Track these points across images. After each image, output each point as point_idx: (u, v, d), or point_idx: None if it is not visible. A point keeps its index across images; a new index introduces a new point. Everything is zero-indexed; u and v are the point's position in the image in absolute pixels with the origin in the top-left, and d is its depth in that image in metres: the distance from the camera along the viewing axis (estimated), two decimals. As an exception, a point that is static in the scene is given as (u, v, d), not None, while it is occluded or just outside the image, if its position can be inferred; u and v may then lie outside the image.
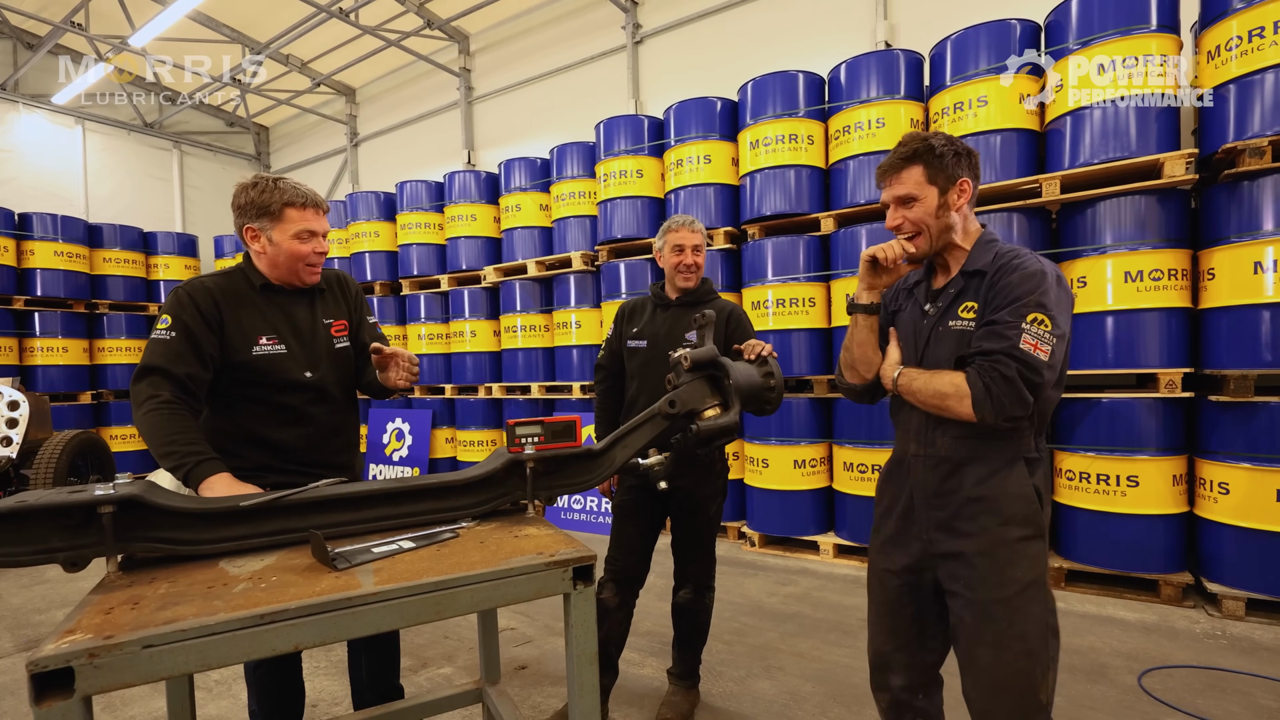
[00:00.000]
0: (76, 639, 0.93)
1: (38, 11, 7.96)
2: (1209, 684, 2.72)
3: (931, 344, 1.61)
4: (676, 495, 2.41)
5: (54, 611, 3.87)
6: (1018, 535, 1.48)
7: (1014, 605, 1.45)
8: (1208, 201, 3.63)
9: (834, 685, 2.79)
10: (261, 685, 1.97)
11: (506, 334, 6.42)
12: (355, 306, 2.08)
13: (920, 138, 1.60)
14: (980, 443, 1.52)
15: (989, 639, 1.47)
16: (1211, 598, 3.47)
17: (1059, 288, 1.46)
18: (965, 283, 1.58)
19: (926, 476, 1.60)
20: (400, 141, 9.58)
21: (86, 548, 1.18)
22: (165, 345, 1.67)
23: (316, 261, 1.88)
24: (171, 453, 1.56)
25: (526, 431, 1.55)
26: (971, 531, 1.51)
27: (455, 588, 1.16)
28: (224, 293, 1.80)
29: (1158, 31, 3.61)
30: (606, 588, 2.45)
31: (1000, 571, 1.47)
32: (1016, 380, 1.38)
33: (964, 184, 1.57)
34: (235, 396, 1.80)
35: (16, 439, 5.26)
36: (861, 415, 4.39)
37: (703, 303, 2.48)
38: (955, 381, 1.46)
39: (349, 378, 2.03)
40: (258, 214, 1.79)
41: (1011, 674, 1.45)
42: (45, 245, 7.77)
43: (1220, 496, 3.43)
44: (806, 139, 4.73)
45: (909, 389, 1.58)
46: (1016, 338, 1.39)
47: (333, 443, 1.93)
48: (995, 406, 1.40)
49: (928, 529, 1.61)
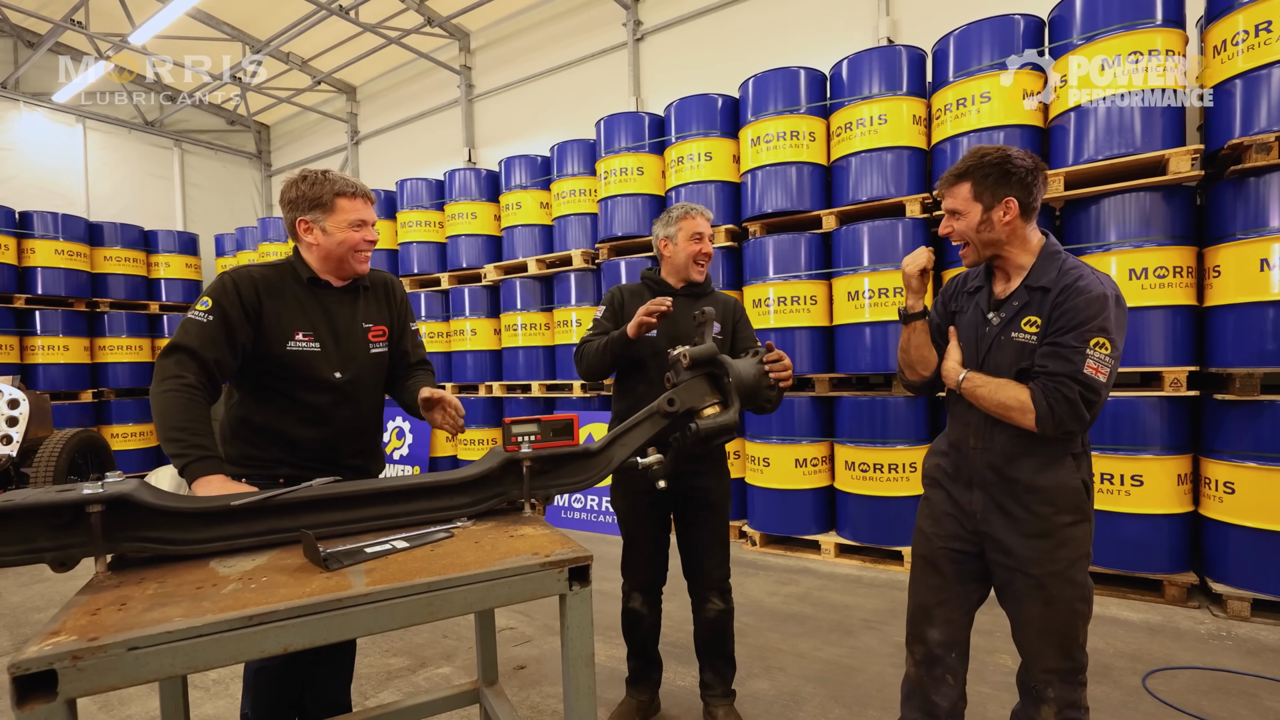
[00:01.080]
0: (60, 641, 0.91)
1: (38, 9, 7.95)
2: (1214, 685, 2.69)
3: (993, 351, 1.73)
4: (695, 495, 2.35)
5: (52, 610, 3.86)
6: (1068, 521, 1.66)
7: (1064, 577, 1.66)
8: (1213, 198, 3.59)
9: (835, 686, 2.76)
10: (260, 689, 1.93)
11: (507, 332, 6.40)
12: (399, 313, 2.07)
13: (978, 154, 1.70)
14: (1034, 443, 1.67)
15: (1040, 602, 1.68)
16: (1216, 598, 3.45)
17: (1118, 308, 1.59)
18: (1029, 296, 1.68)
19: (984, 467, 1.75)
20: (401, 139, 9.56)
21: (75, 547, 1.16)
22: (200, 327, 1.67)
23: (367, 249, 1.89)
24: (177, 439, 1.55)
25: (523, 430, 1.53)
26: (1028, 518, 1.68)
27: (448, 588, 1.14)
28: (269, 284, 1.80)
29: (1163, 26, 3.58)
30: (634, 598, 2.42)
31: (1053, 551, 1.66)
32: (1078, 402, 1.54)
33: (1009, 202, 1.65)
34: (262, 388, 1.81)
35: (17, 437, 5.26)
36: (863, 415, 4.36)
37: (706, 295, 2.43)
38: (1020, 397, 1.61)
39: (380, 383, 2.02)
40: (310, 206, 1.82)
41: (1060, 626, 1.67)
42: (46, 244, 7.77)
43: (1226, 496, 3.40)
44: (808, 136, 4.70)
45: (973, 393, 1.72)
46: (1081, 363, 1.54)
47: (352, 445, 1.93)
48: (1056, 423, 1.57)
49: (981, 509, 1.76)
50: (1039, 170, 1.67)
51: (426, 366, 2.15)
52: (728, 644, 2.45)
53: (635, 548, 2.42)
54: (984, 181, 1.66)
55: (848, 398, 4.45)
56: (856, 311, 4.40)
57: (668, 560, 2.46)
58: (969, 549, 1.80)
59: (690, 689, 2.72)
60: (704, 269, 2.40)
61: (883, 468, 4.26)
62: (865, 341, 4.38)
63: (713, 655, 2.45)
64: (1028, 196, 1.66)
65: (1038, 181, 1.67)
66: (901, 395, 4.26)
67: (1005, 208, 1.65)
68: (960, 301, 1.87)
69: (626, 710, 2.47)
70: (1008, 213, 1.66)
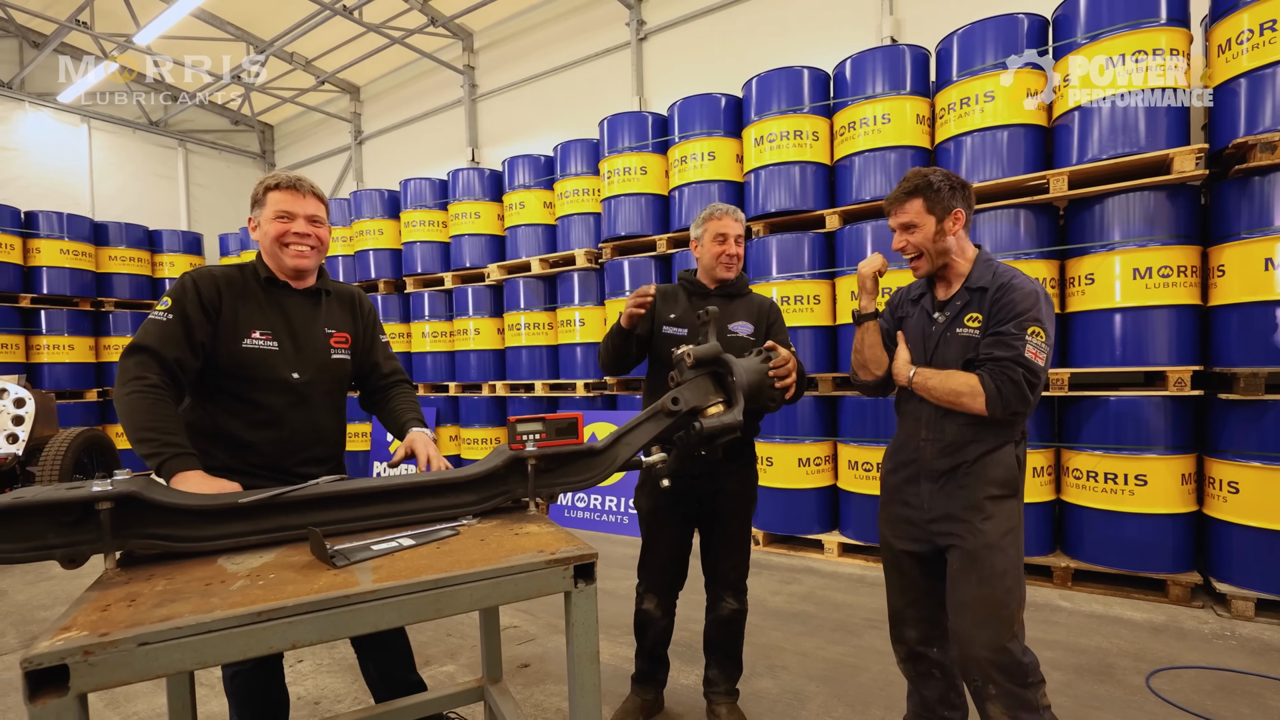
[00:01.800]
0: (71, 636, 0.92)
1: (44, 10, 7.98)
2: (1218, 685, 2.69)
3: (940, 347, 1.89)
4: (720, 497, 2.33)
5: (58, 608, 3.89)
6: (996, 494, 1.79)
7: (995, 549, 1.76)
8: (1218, 197, 3.58)
9: (838, 685, 2.77)
10: (240, 694, 1.92)
11: (510, 332, 6.41)
12: (365, 325, 2.06)
13: (921, 174, 1.89)
14: (982, 428, 1.81)
15: (974, 577, 1.77)
16: (1220, 598, 3.44)
17: (1047, 304, 1.78)
18: (970, 296, 1.86)
19: (934, 457, 1.88)
20: (404, 139, 9.58)
21: (84, 544, 1.17)
22: (160, 327, 1.66)
23: (296, 242, 1.83)
24: (149, 440, 1.53)
25: (528, 428, 1.54)
26: (962, 494, 1.83)
27: (454, 585, 1.15)
28: (230, 282, 1.79)
29: (1167, 25, 3.57)
30: (648, 599, 2.40)
31: (987, 523, 1.78)
32: (1022, 383, 1.70)
33: (958, 213, 1.86)
34: (215, 390, 1.77)
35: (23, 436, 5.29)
36: (866, 414, 4.36)
37: (741, 295, 2.40)
38: (970, 382, 1.75)
39: (341, 391, 2.00)
40: (253, 204, 1.86)
41: (992, 607, 1.74)
42: (51, 243, 7.81)
43: (1230, 495, 3.39)
44: (811, 135, 4.70)
45: (924, 386, 1.85)
46: (1022, 348, 1.71)
47: (308, 451, 1.88)
48: (1004, 404, 1.71)
49: (929, 498, 1.90)
50: (969, 188, 1.90)
51: (404, 382, 2.11)
52: (737, 645, 2.44)
53: (654, 550, 2.39)
54: (935, 196, 1.85)
55: (851, 397, 4.45)
56: (860, 311, 4.39)
57: (687, 566, 2.44)
58: (925, 549, 1.93)
59: (692, 687, 2.72)
60: (732, 268, 2.36)
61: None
62: (867, 341, 4.36)
63: (721, 654, 2.44)
64: (969, 208, 1.89)
65: (970, 196, 1.90)
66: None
67: (955, 218, 1.85)
68: (905, 309, 2.05)
69: (630, 708, 2.47)
70: (957, 222, 1.86)
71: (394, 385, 2.08)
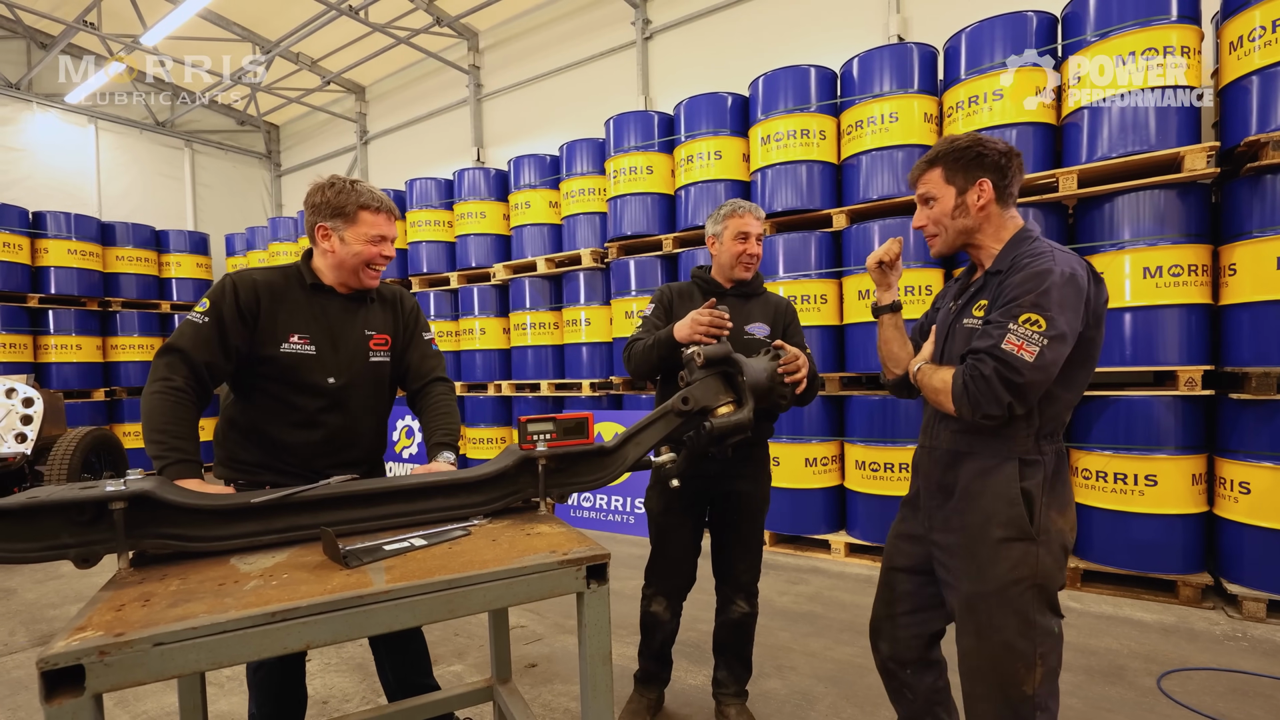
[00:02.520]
0: (87, 636, 0.92)
1: (51, 11, 8.01)
2: (1230, 687, 2.67)
3: (949, 341, 1.66)
4: (732, 498, 2.31)
5: (68, 607, 3.90)
6: (999, 536, 1.50)
7: (993, 602, 1.50)
8: (1229, 196, 3.56)
9: (847, 686, 2.76)
10: (262, 688, 1.94)
11: (516, 331, 6.41)
12: (406, 324, 2.04)
13: (947, 140, 1.63)
14: (974, 438, 1.57)
15: (970, 628, 1.54)
16: (1231, 599, 3.42)
17: (1067, 286, 1.42)
18: (985, 282, 1.60)
19: (931, 468, 1.68)
20: (409, 139, 9.59)
21: (98, 544, 1.17)
22: (195, 329, 1.68)
23: (381, 265, 1.87)
24: (159, 441, 1.56)
25: (538, 428, 1.53)
26: (958, 526, 1.58)
27: (468, 586, 1.14)
28: (270, 287, 1.80)
29: (1178, 23, 3.54)
30: (657, 601, 2.38)
31: (981, 568, 1.52)
32: (993, 379, 1.41)
33: (983, 184, 1.57)
34: (254, 390, 1.80)
35: (31, 436, 5.31)
36: (874, 413, 4.35)
37: (757, 295, 2.36)
38: (945, 378, 1.53)
39: (380, 394, 1.99)
40: (332, 214, 1.81)
41: (990, 663, 1.50)
42: (59, 244, 7.84)
43: (1241, 496, 3.37)
44: (818, 134, 4.69)
45: (920, 384, 1.66)
46: (1001, 338, 1.42)
47: (342, 455, 1.89)
48: (971, 403, 1.45)
49: (928, 516, 1.69)
50: (1013, 155, 1.59)
51: (438, 380, 2.06)
52: (747, 647, 2.43)
53: (665, 551, 2.37)
54: (956, 165, 1.59)
55: (858, 397, 4.44)
56: (867, 311, 4.38)
57: (696, 567, 2.42)
58: (925, 562, 1.71)
59: (699, 687, 2.72)
60: (751, 268, 2.31)
61: (893, 467, 4.25)
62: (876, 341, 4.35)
63: (730, 655, 2.43)
64: (1002, 179, 1.58)
65: (1012, 166, 1.58)
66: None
67: (979, 190, 1.57)
68: (941, 299, 1.83)
69: (636, 709, 2.47)
70: (982, 195, 1.57)
71: (427, 386, 2.03)
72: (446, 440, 1.91)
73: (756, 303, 2.35)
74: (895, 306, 1.83)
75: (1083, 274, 1.46)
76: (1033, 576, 1.47)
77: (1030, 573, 1.47)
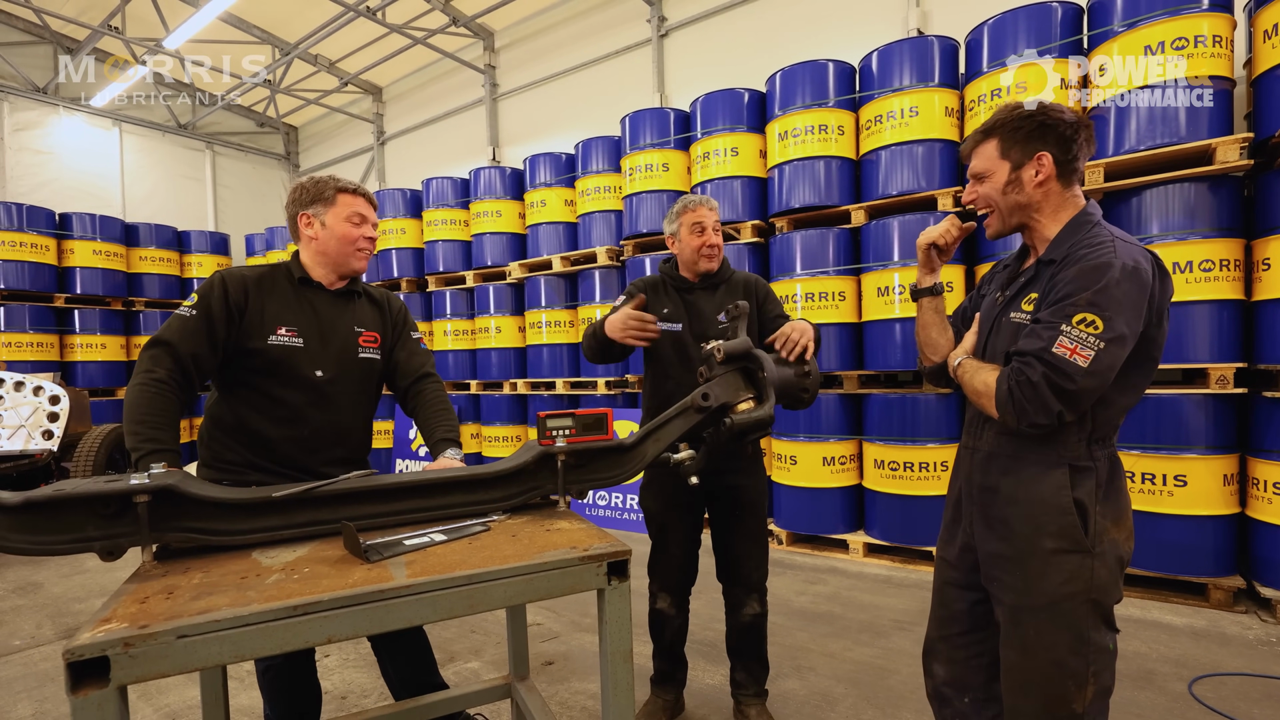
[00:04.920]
0: (112, 628, 0.92)
1: (77, 16, 8.17)
2: (1265, 693, 2.59)
3: (993, 335, 1.53)
4: (730, 494, 2.30)
5: (93, 600, 3.97)
6: (1051, 547, 1.39)
7: (1043, 617, 1.39)
8: (1262, 188, 3.46)
9: (866, 687, 2.72)
10: (271, 688, 1.94)
11: (531, 330, 6.42)
12: (395, 323, 2.05)
13: (1008, 107, 1.48)
14: (1021, 441, 1.45)
15: (1016, 643, 1.44)
16: (1265, 603, 3.32)
17: (1128, 282, 1.28)
18: (1038, 271, 1.45)
19: (973, 470, 1.56)
20: (426, 139, 9.66)
21: (122, 537, 1.18)
22: (182, 322, 1.69)
23: (366, 247, 1.90)
24: (136, 433, 1.55)
25: (558, 424, 1.52)
26: (1006, 535, 1.46)
27: (488, 581, 1.13)
28: (259, 281, 1.81)
29: (1209, 11, 3.45)
30: (662, 599, 2.37)
31: (1030, 581, 1.41)
32: (1042, 385, 1.29)
33: (1042, 158, 1.41)
34: (239, 384, 1.79)
35: (57, 433, 5.41)
36: (893, 412, 4.29)
37: (725, 283, 2.34)
38: (988, 380, 1.40)
39: (368, 390, 1.98)
40: (311, 200, 1.85)
41: (1039, 679, 1.41)
42: (84, 245, 7.99)
43: (1275, 497, 3.28)
44: (837, 129, 4.64)
45: (961, 382, 1.51)
46: (1052, 341, 1.29)
47: (328, 451, 1.86)
48: (1017, 411, 1.33)
49: (971, 523, 1.57)
50: (1081, 125, 1.41)
51: (426, 376, 2.05)
52: (762, 647, 2.40)
53: (665, 548, 2.37)
54: (1014, 135, 1.43)
55: (877, 395, 4.38)
56: (886, 308, 4.33)
57: (698, 562, 2.42)
58: (975, 574, 1.57)
59: (718, 687, 2.69)
60: (715, 258, 2.29)
61: (913, 466, 4.19)
62: (895, 338, 4.30)
63: (747, 657, 2.40)
64: (1066, 154, 1.40)
65: (1079, 138, 1.40)
66: (932, 393, 4.18)
67: (1038, 164, 1.41)
68: (987, 284, 1.67)
69: (652, 710, 2.44)
70: (1040, 170, 1.41)
71: (417, 382, 2.03)
72: (450, 436, 1.90)
73: (725, 290, 2.33)
74: (937, 290, 1.67)
75: (1147, 267, 1.32)
76: (1087, 591, 1.37)
77: (1085, 587, 1.37)
